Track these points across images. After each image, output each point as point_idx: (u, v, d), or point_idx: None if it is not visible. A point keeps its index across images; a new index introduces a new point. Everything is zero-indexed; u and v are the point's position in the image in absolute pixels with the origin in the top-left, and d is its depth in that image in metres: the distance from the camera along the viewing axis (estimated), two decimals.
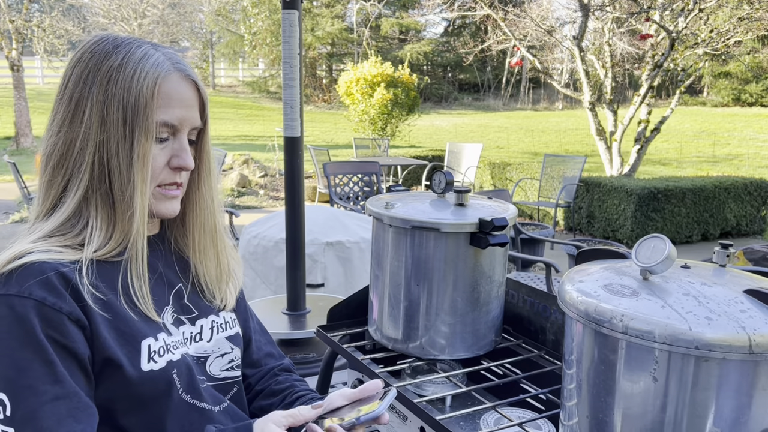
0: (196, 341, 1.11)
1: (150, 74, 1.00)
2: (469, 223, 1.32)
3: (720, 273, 0.93)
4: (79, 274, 0.95)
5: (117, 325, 0.97)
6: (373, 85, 13.72)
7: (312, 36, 27.16)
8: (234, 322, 1.20)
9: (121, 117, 0.98)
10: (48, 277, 0.92)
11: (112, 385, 0.96)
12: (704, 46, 8.79)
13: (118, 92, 0.99)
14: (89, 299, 0.94)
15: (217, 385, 1.12)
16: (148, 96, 0.99)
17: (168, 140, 1.04)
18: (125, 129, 0.99)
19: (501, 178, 9.64)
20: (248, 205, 9.36)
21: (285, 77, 2.41)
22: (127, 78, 0.99)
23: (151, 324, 1.02)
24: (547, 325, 1.49)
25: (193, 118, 1.06)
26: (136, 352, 0.98)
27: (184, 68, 1.05)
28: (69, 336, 0.91)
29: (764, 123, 20.81)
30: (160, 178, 1.04)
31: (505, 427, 1.18)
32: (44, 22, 14.97)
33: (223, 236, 1.19)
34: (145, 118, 0.99)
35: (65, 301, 0.91)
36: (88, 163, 0.99)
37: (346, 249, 3.32)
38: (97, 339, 0.94)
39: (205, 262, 1.15)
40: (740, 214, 7.77)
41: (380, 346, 1.49)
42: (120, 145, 0.99)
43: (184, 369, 1.04)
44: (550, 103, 29.75)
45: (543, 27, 10.59)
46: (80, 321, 0.92)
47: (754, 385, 0.81)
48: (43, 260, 0.93)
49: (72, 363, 0.91)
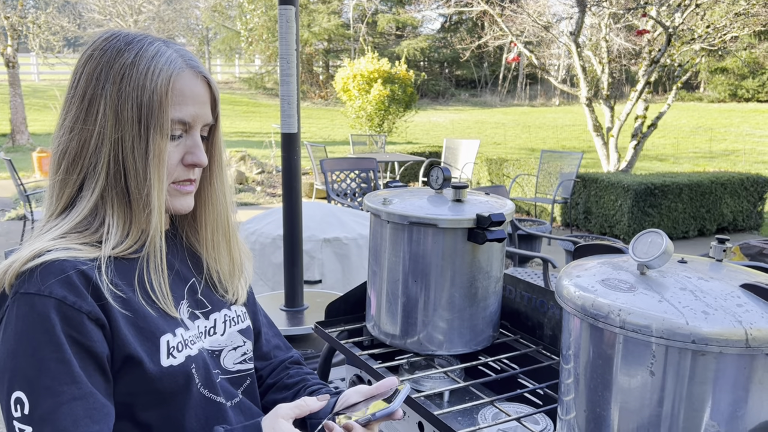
0: (210, 335, 1.13)
1: (164, 72, 1.00)
2: (467, 218, 1.32)
3: (717, 268, 0.94)
4: (99, 272, 0.96)
5: (136, 322, 0.98)
6: (370, 81, 13.70)
7: (308, 32, 27.09)
8: (245, 316, 1.22)
9: (135, 115, 0.99)
10: (68, 275, 0.92)
11: (132, 381, 0.97)
12: (701, 41, 8.79)
13: (132, 90, 0.99)
14: (110, 297, 0.95)
15: (231, 378, 1.14)
16: (163, 94, 1.00)
17: (182, 137, 1.05)
18: (140, 127, 0.99)
19: (498, 174, 9.64)
20: (245, 202, 9.34)
21: (282, 73, 2.40)
22: (141, 75, 0.99)
23: (169, 320, 1.04)
24: (544, 320, 1.50)
25: (205, 115, 1.07)
26: (155, 349, 0.99)
27: (196, 65, 1.06)
28: (88, 335, 0.92)
29: (761, 118, 20.84)
30: (175, 174, 1.05)
31: (503, 421, 1.19)
32: (39, 19, 14.90)
33: (236, 231, 1.21)
34: (159, 116, 0.99)
35: (85, 301, 0.92)
36: (103, 162, 1.00)
37: (343, 245, 3.32)
38: (117, 337, 0.95)
39: (218, 258, 1.17)
40: (737, 209, 7.79)
41: (378, 342, 1.50)
42: (135, 143, 0.99)
43: (202, 363, 1.06)
44: (547, 99, 29.74)
45: (540, 23, 10.57)
46: (100, 320, 0.93)
47: (750, 379, 0.81)
48: (63, 258, 0.94)
49: (90, 362, 0.92)
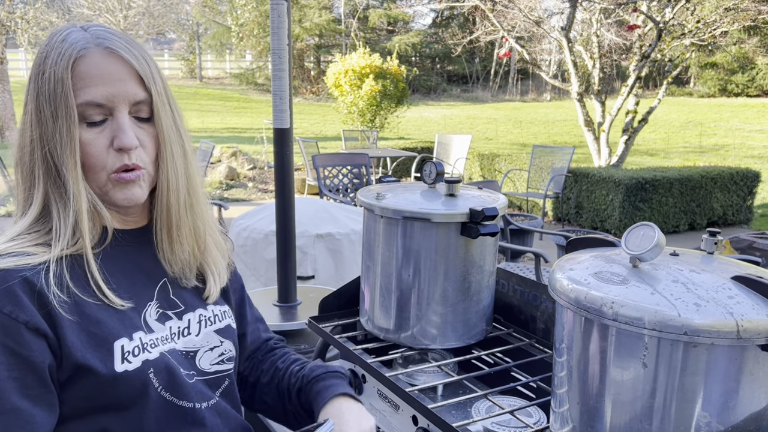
0: (184, 335, 1.09)
1: (64, 57, 0.96)
2: (460, 213, 1.32)
3: (708, 260, 0.94)
4: (46, 278, 0.93)
5: (87, 327, 0.95)
6: (362, 76, 13.69)
7: (300, 27, 26.99)
8: (223, 315, 1.17)
9: (48, 108, 0.96)
10: (10, 285, 0.90)
11: (86, 386, 0.94)
12: (691, 36, 8.84)
13: (43, 84, 0.97)
14: (56, 303, 0.92)
15: (208, 379, 1.11)
16: (64, 79, 0.95)
17: (106, 122, 0.99)
18: (54, 119, 0.96)
19: (490, 169, 9.66)
20: (237, 198, 9.33)
21: (274, 68, 2.40)
22: (48, 66, 0.96)
23: (126, 322, 1.00)
24: (537, 313, 1.50)
25: (125, 93, 0.98)
26: (108, 354, 0.95)
27: (107, 42, 0.98)
28: (26, 345, 0.89)
29: (750, 113, 20.97)
30: (108, 163, 0.99)
31: (497, 414, 1.19)
32: (28, 14, 14.78)
33: (208, 223, 1.14)
34: (65, 103, 0.95)
35: (24, 310, 0.89)
36: (37, 163, 0.98)
37: (336, 241, 3.32)
38: (64, 345, 0.92)
39: (182, 253, 1.10)
40: (727, 203, 7.84)
41: (372, 337, 1.50)
42: (55, 137, 0.96)
43: (163, 367, 1.02)
44: (538, 94, 29.80)
45: (531, 18, 10.58)
46: (40, 329, 0.90)
47: (741, 370, 0.82)
48: (7, 267, 0.91)
49: (29, 374, 0.90)
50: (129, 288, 1.04)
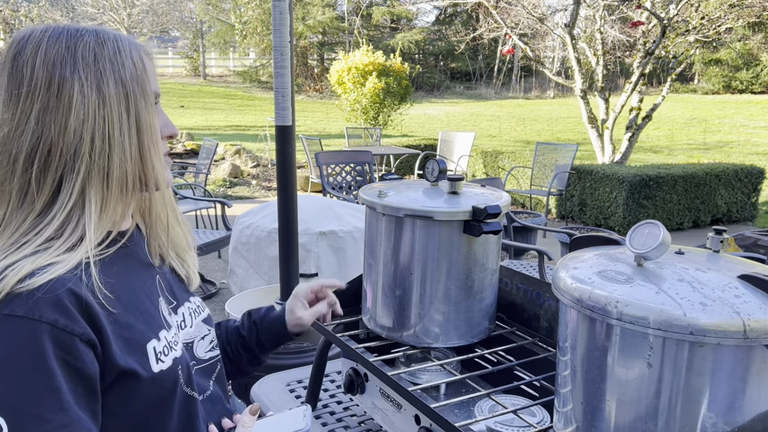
0: (182, 329, 1.13)
1: (133, 49, 1.02)
2: (463, 211, 1.31)
3: (714, 259, 0.93)
4: (88, 287, 0.92)
5: (121, 334, 0.95)
6: (365, 74, 13.66)
7: (303, 25, 26.97)
8: (202, 304, 1.25)
9: (121, 90, 0.97)
10: (58, 296, 0.87)
11: (124, 391, 0.96)
12: (695, 33, 8.80)
13: (110, 67, 0.97)
14: (100, 313, 0.92)
15: (204, 367, 1.15)
16: (141, 68, 1.01)
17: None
18: (127, 102, 0.98)
19: (493, 166, 9.65)
20: (240, 196, 9.33)
21: (276, 65, 2.39)
22: (114, 55, 0.98)
23: (150, 322, 1.02)
24: (540, 312, 1.49)
25: None
26: (144, 357, 0.97)
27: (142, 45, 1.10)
28: (80, 357, 0.89)
29: (754, 110, 20.89)
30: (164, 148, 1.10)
31: (500, 414, 1.19)
32: (32, 12, 14.81)
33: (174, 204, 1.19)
34: (144, 88, 1.01)
35: (77, 323, 0.88)
36: (86, 146, 0.94)
37: (339, 239, 3.31)
38: (108, 353, 0.92)
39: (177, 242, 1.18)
40: (731, 200, 7.81)
41: (374, 335, 1.49)
42: (122, 119, 0.97)
43: (185, 363, 1.05)
44: (541, 91, 29.74)
45: (534, 15, 10.55)
46: (91, 341, 0.90)
47: (748, 371, 0.81)
48: (53, 278, 0.88)
49: (80, 384, 0.89)
50: (141, 287, 1.05)
